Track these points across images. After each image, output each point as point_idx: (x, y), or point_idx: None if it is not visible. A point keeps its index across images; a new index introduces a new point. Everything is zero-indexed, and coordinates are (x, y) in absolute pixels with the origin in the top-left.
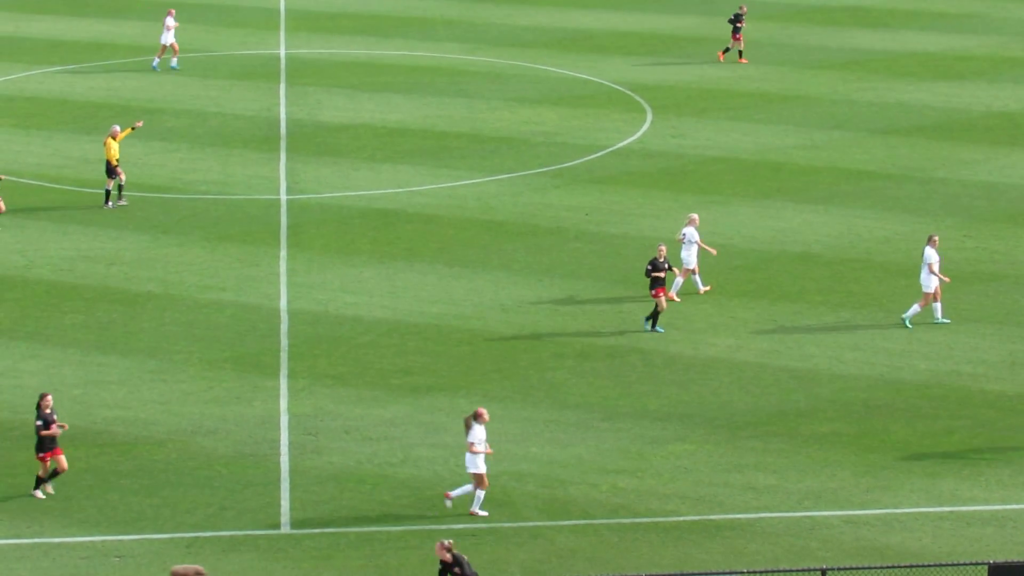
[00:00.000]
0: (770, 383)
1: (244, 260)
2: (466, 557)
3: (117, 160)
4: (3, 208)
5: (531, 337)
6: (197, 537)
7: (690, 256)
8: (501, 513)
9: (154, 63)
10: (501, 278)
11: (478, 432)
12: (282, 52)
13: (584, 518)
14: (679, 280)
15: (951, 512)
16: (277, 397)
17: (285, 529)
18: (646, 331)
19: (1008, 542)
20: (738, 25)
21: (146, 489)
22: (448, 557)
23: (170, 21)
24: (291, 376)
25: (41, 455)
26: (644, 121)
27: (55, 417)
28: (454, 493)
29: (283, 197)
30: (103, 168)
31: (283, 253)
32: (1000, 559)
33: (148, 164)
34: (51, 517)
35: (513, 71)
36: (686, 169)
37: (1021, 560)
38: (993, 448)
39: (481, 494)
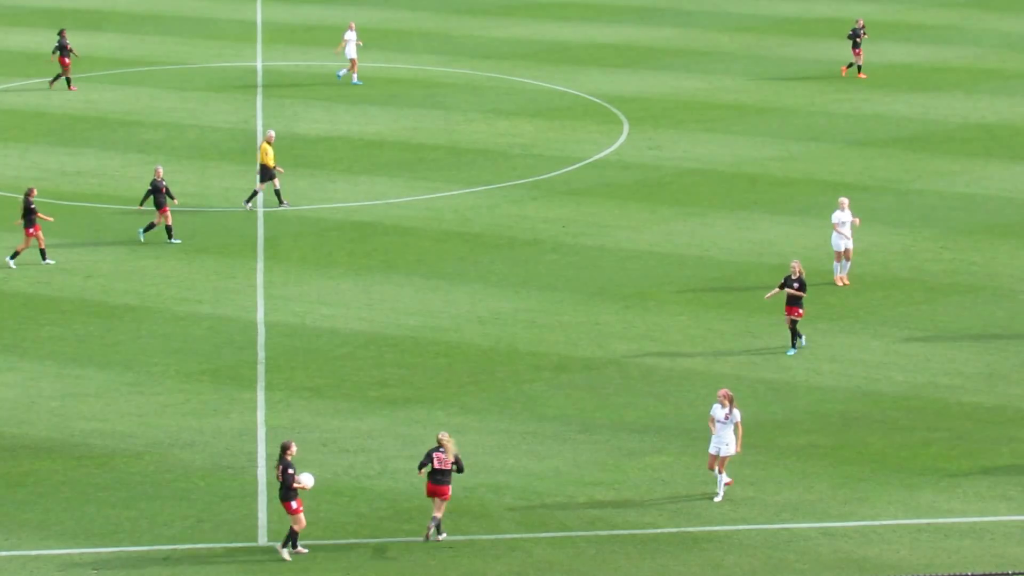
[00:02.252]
0: (747, 395)
1: (221, 272)
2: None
3: (274, 164)
4: None
5: (508, 349)
6: (175, 550)
7: (844, 239)
8: (478, 525)
9: (339, 74)
10: (478, 290)
11: (714, 410)
12: (259, 64)
13: (561, 530)
14: (847, 264)
15: (929, 524)
16: (254, 409)
17: (262, 542)
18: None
19: (986, 554)
20: (857, 40)
21: (123, 501)
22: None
23: (349, 35)
24: (268, 388)
25: (288, 503)
26: (621, 133)
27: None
28: (720, 494)
29: (260, 209)
30: (81, 180)
31: (260, 265)
32: (978, 571)
33: (125, 176)
34: (28, 530)
35: (490, 83)
36: (663, 181)
37: (999, 572)
38: (971, 460)
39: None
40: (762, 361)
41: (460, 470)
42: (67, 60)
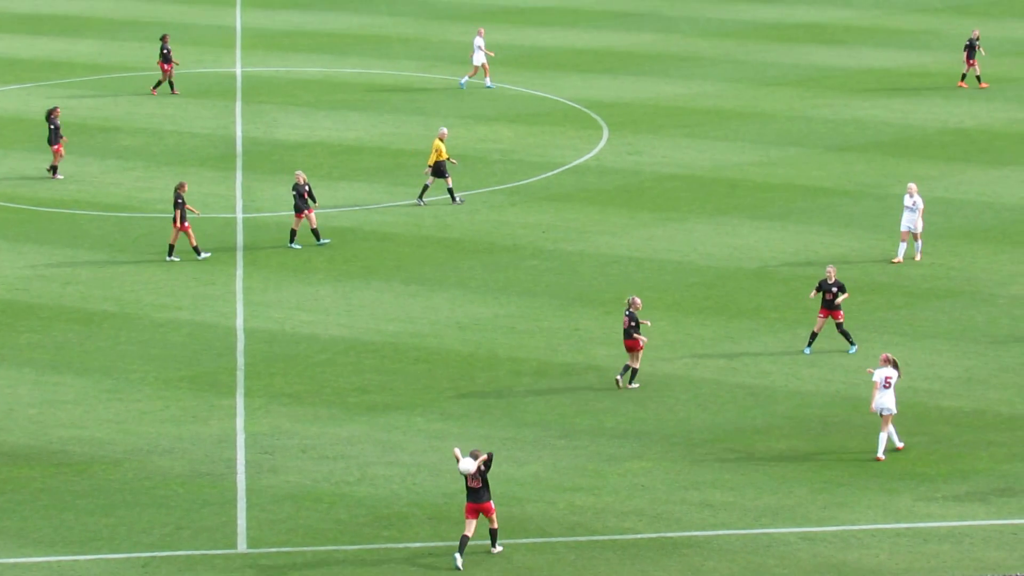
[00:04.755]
0: (727, 400)
1: (200, 279)
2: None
3: (430, 164)
4: None
5: (488, 355)
6: (153, 557)
7: (916, 222)
8: (458, 531)
9: (466, 79)
10: (458, 296)
11: (882, 372)
12: (238, 70)
13: (541, 536)
14: (918, 244)
15: (908, 528)
16: (233, 416)
17: (242, 548)
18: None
19: (965, 558)
20: (973, 51)
21: (102, 509)
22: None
23: (478, 40)
24: (247, 395)
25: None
26: (600, 138)
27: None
28: (881, 451)
29: (239, 215)
30: (59, 187)
31: (239, 272)
32: (957, 575)
33: (104, 183)
34: (6, 537)
35: (469, 89)
36: (643, 186)
37: None
38: (949, 464)
39: (892, 430)
40: (742, 366)
41: (636, 328)
42: (168, 66)
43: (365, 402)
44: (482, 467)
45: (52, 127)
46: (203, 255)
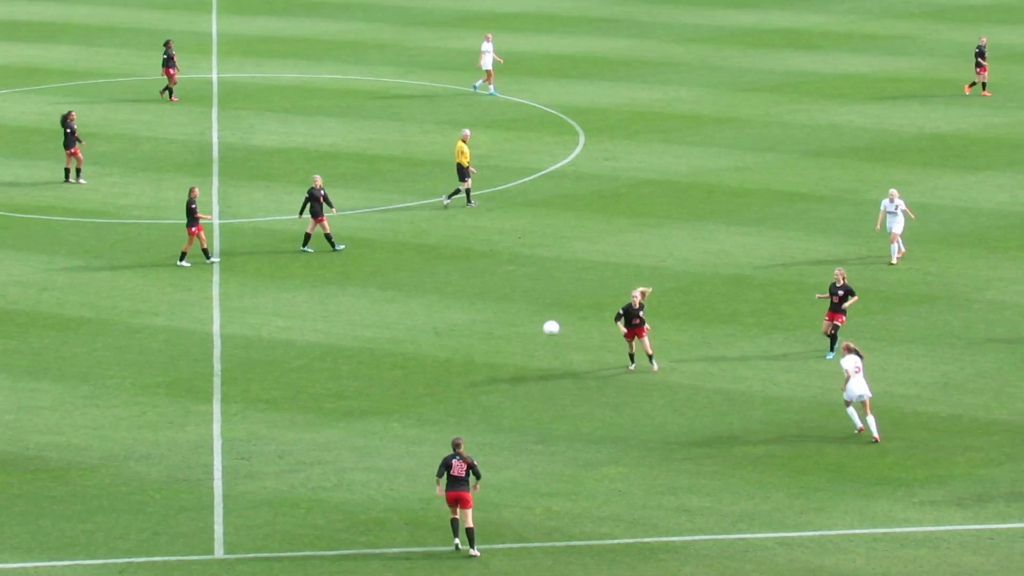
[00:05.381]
0: (704, 405)
1: (176, 285)
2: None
3: (468, 162)
4: None
5: (465, 360)
6: (130, 563)
7: (896, 224)
8: (435, 537)
9: (488, 88)
10: (434, 301)
11: (850, 360)
12: (214, 76)
13: (518, 541)
14: (894, 246)
15: (885, 533)
16: (210, 422)
17: (219, 554)
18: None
19: (942, 563)
20: (981, 59)
21: (79, 515)
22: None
23: (486, 46)
24: (224, 401)
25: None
26: (577, 144)
27: None
28: (875, 431)
29: (216, 221)
30: (35, 192)
31: (216, 277)
32: None
33: (80, 189)
34: None
35: (446, 94)
36: (619, 192)
37: None
38: (926, 469)
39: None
40: (718, 371)
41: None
42: (172, 71)
43: (342, 408)
44: (470, 464)
45: (68, 131)
46: (183, 263)
